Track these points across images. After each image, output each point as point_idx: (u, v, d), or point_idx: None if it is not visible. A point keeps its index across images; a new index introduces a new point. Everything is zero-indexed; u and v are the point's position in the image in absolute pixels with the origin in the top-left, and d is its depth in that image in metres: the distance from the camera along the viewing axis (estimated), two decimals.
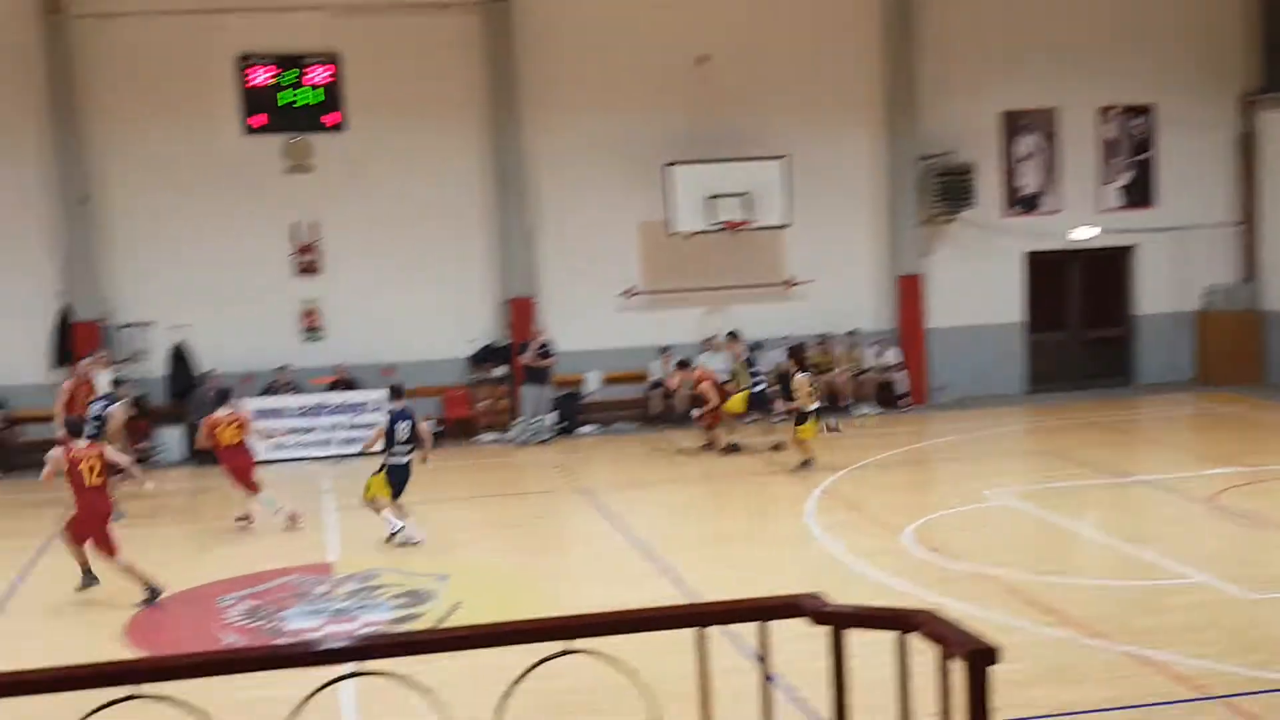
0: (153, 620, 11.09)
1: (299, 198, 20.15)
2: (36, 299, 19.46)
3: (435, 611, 10.96)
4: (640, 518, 14.32)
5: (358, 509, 15.47)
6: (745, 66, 21.11)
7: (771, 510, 14.51)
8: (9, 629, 11.00)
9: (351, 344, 20.24)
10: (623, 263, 21.21)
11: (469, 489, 16.93)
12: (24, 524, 15.30)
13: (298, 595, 11.67)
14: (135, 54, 19.47)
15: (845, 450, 18.17)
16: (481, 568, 12.57)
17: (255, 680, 3.63)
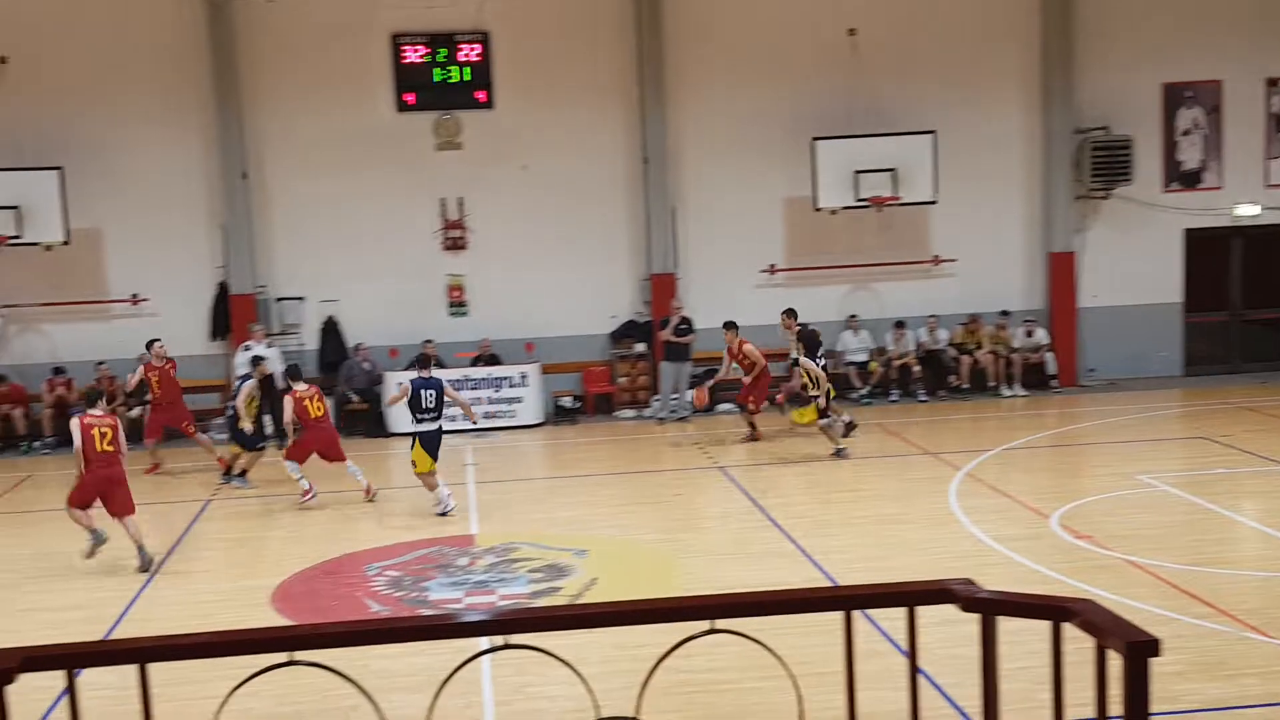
0: (300, 588, 11.39)
1: (447, 175, 20.47)
2: (199, 273, 20.15)
3: (572, 586, 11.05)
4: (779, 496, 14.25)
5: (498, 482, 15.73)
6: (894, 39, 20.75)
7: (914, 492, 14.29)
8: (160, 595, 11.37)
9: (495, 319, 20.52)
10: (765, 239, 21.07)
11: (608, 465, 17.03)
12: (183, 490, 15.84)
13: (440, 566, 11.88)
14: (293, 34, 19.96)
15: (991, 432, 17.85)
16: (619, 544, 12.64)
17: (396, 649, 3.69)
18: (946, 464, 15.40)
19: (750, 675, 7.59)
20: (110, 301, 20.07)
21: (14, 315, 19.88)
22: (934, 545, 11.98)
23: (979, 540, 12.03)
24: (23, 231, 18.72)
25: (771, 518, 13.18)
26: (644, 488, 15.50)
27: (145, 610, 10.75)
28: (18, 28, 19.33)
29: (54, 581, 11.91)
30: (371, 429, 19.53)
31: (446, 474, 16.18)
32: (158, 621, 10.28)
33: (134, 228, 19.89)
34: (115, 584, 11.56)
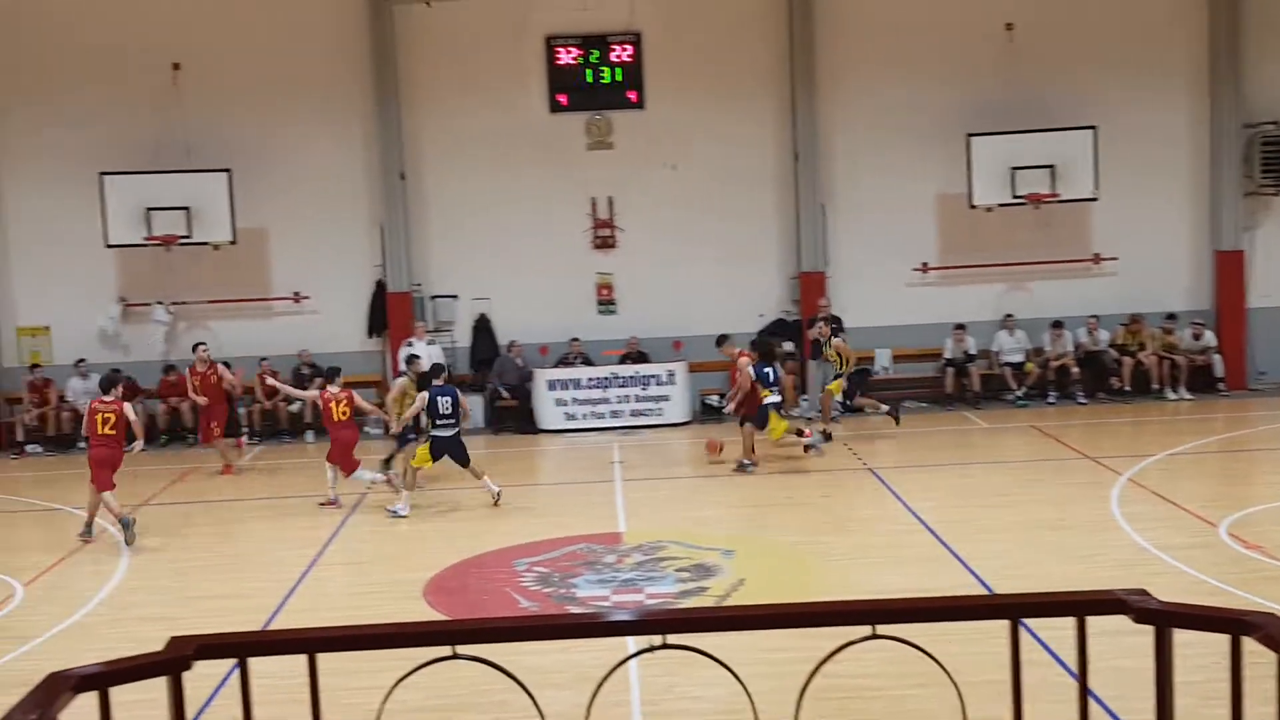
0: (451, 582, 11.59)
1: (598, 174, 20.64)
2: (358, 271, 20.69)
3: (720, 587, 11.02)
4: (931, 500, 13.99)
5: (645, 480, 15.78)
6: (1052, 33, 20.23)
7: (1073, 497, 13.89)
8: (317, 586, 11.67)
9: (643, 317, 20.61)
10: (918, 236, 20.75)
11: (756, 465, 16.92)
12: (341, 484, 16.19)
13: (587, 563, 11.96)
14: (451, 36, 20.34)
15: (1155, 436, 17.29)
16: (766, 545, 12.58)
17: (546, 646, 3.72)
18: (1107, 469, 14.95)
19: (902, 683, 7.49)
20: (273, 299, 20.74)
21: (182, 312, 20.67)
22: (1094, 553, 11.62)
23: (1143, 549, 11.64)
24: (193, 232, 19.44)
25: (923, 521, 12.96)
26: (791, 488, 15.38)
27: (303, 601, 11.06)
28: (189, 35, 20.08)
29: (219, 571, 12.38)
30: (522, 425, 19.80)
31: (594, 471, 16.34)
32: (314, 612, 10.58)
33: (297, 227, 20.53)
34: (275, 575, 11.91)
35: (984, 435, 18.43)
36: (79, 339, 20.41)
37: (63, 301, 20.54)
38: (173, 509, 15.24)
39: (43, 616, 10.82)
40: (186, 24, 20.09)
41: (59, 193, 20.19)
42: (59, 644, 9.99)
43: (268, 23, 20.25)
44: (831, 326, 17.89)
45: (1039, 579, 10.70)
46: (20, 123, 20.34)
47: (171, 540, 13.65)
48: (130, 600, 11.37)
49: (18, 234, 20.57)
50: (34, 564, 12.56)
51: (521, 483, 16.45)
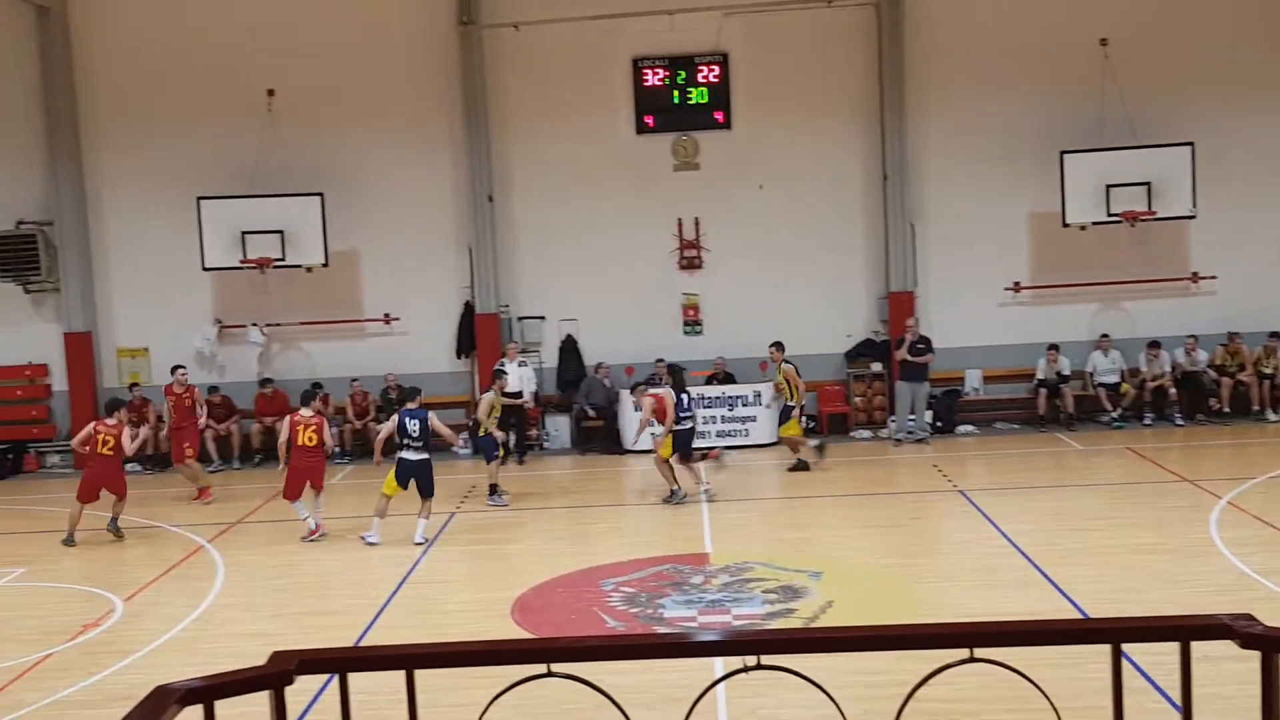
0: (538, 601, 11.63)
1: (684, 195, 20.68)
2: (447, 293, 20.93)
3: (807, 609, 10.94)
4: (1024, 522, 13.78)
5: (732, 501, 15.74)
6: (1148, 48, 19.91)
7: (1170, 520, 13.58)
8: (408, 603, 11.78)
9: (730, 338, 20.57)
10: (1009, 255, 20.50)
11: (843, 486, 16.82)
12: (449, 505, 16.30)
13: (674, 584, 11.94)
14: (539, 59, 20.55)
15: (1256, 459, 16.87)
16: (854, 567, 12.46)
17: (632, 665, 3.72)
18: (1206, 492, 14.60)
19: (996, 708, 7.36)
20: (364, 320, 21.05)
21: (276, 334, 21.07)
22: (1193, 577, 11.36)
23: (1243, 573, 11.35)
24: (286, 254, 19.81)
25: (1015, 544, 12.76)
26: (880, 510, 15.24)
27: (393, 618, 11.17)
28: (284, 61, 20.51)
29: (311, 588, 12.57)
30: (608, 445, 19.86)
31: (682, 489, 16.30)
32: (403, 629, 10.69)
33: (387, 249, 20.84)
34: (366, 592, 12.05)
35: (1078, 457, 18.12)
36: (177, 360, 20.84)
37: (161, 323, 21.04)
38: (266, 526, 15.49)
39: (142, 631, 11.07)
40: (281, 50, 20.53)
41: (158, 217, 20.73)
42: (159, 658, 10.21)
43: (359, 48, 20.61)
44: (783, 351, 17.87)
45: (1135, 604, 10.47)
46: (120, 148, 20.89)
47: (265, 557, 13.90)
48: (226, 616, 11.58)
49: (118, 257, 21.13)
50: (133, 580, 12.86)
51: (608, 503, 16.50)
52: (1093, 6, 20.01)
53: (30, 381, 20.88)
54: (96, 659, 10.20)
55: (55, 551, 14.54)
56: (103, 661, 10.11)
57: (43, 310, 21.21)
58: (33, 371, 21.09)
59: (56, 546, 14.61)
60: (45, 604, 12.27)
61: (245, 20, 20.52)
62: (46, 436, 21.16)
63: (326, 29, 20.58)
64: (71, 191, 20.68)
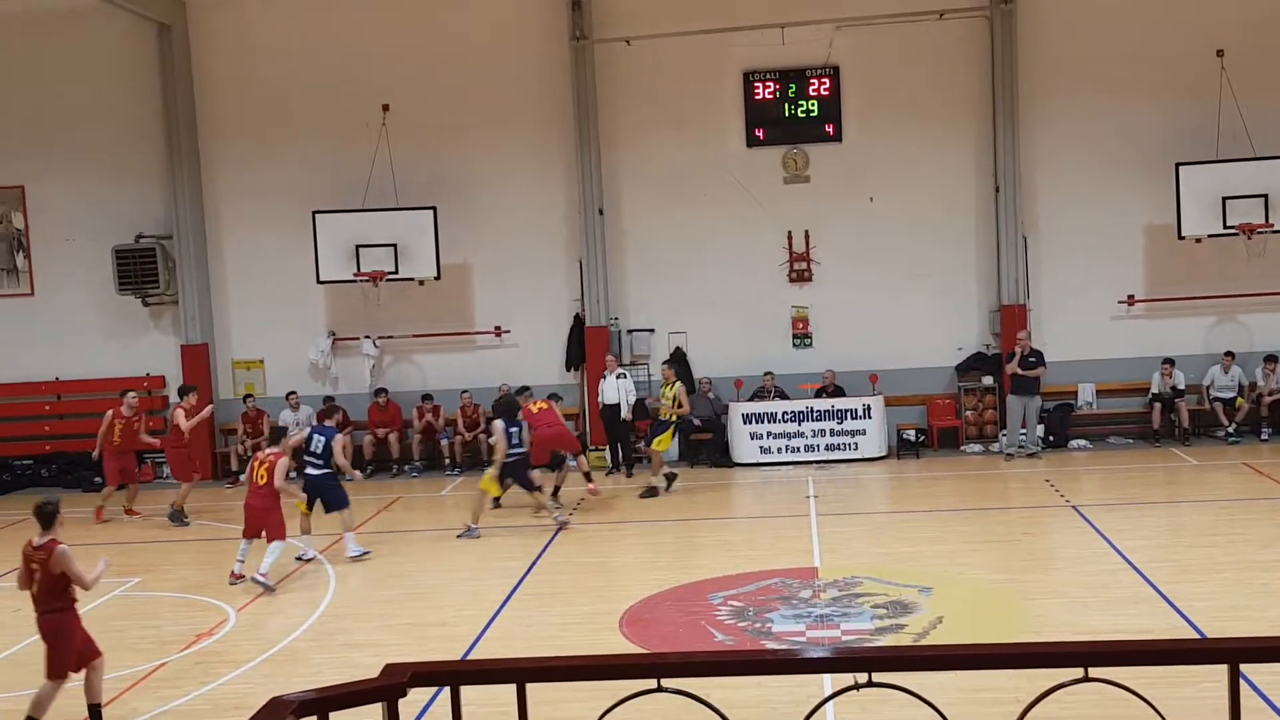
0: (646, 614, 11.71)
1: (794, 208, 20.68)
2: (554, 305, 21.17)
3: (917, 624, 10.89)
4: (1138, 538, 13.53)
5: (841, 515, 15.67)
6: (1265, 57, 19.44)
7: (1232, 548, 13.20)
8: (517, 615, 11.91)
9: (839, 350, 20.51)
10: (1123, 267, 20.14)
11: (953, 500, 16.67)
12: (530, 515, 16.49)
13: (782, 598, 11.95)
14: (650, 73, 20.70)
15: None
16: (965, 582, 12.35)
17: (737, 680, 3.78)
18: None
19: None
20: (475, 333, 21.38)
21: (388, 346, 21.49)
22: None
23: None
24: (399, 267, 20.20)
25: (1129, 560, 12.55)
26: (991, 525, 15.07)
27: (501, 630, 11.31)
28: (398, 76, 20.95)
29: (420, 599, 12.74)
30: (716, 458, 19.92)
31: (789, 505, 16.30)
32: (512, 641, 10.84)
33: (498, 262, 21.14)
34: (475, 604, 12.21)
35: (1193, 472, 17.73)
36: (291, 372, 21.43)
37: (276, 335, 21.58)
38: (376, 537, 15.78)
39: (254, 641, 11.26)
40: (395, 65, 20.96)
41: (273, 231, 21.27)
42: (270, 668, 10.40)
43: (471, 62, 20.95)
44: (675, 369, 17.97)
45: (1252, 623, 10.24)
46: (236, 163, 21.48)
47: (375, 568, 14.15)
48: (337, 626, 11.76)
49: (235, 270, 21.71)
50: (246, 589, 13.10)
51: (716, 516, 16.55)
52: (1209, 16, 19.59)
53: (149, 393, 21.51)
54: (209, 669, 10.40)
55: (169, 561, 14.96)
56: (215, 671, 10.30)
57: (161, 322, 21.86)
58: (150, 383, 21.72)
59: (171, 555, 15.00)
60: (159, 613, 12.53)
61: (361, 36, 20.99)
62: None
63: (441, 45, 20.95)
64: (190, 206, 21.27)
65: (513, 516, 16.30)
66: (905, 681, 3.33)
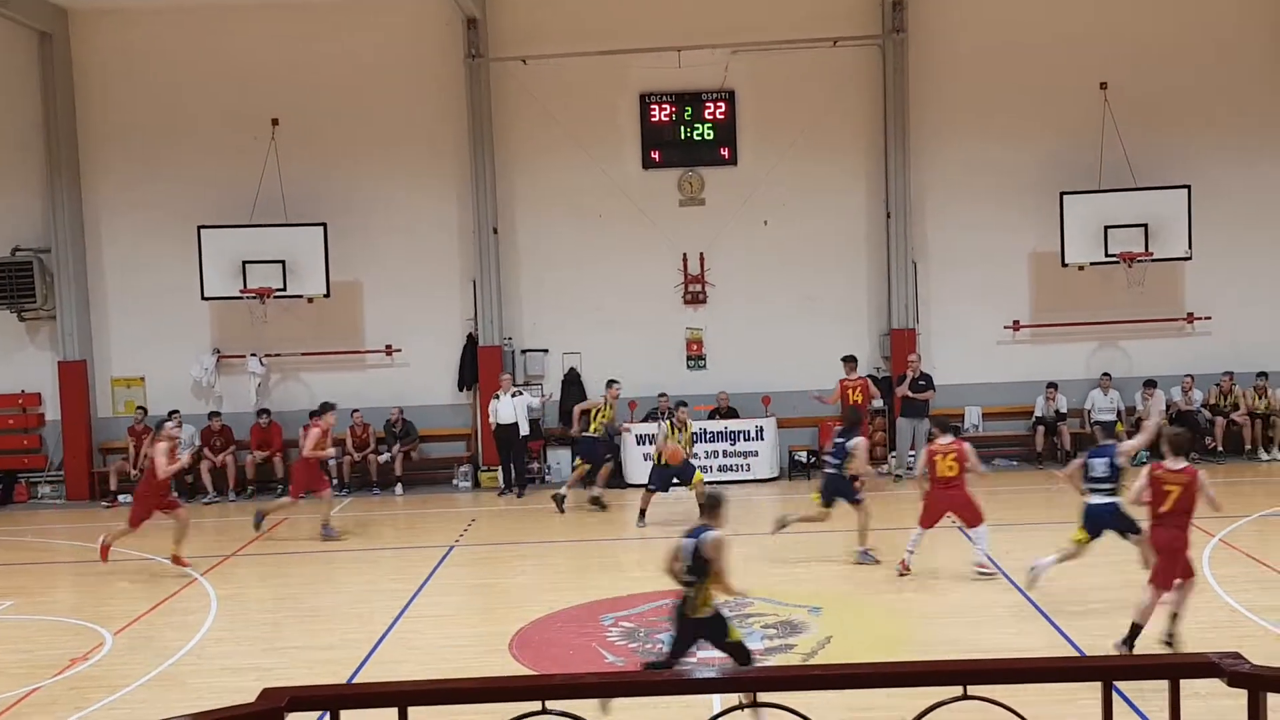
0: (537, 636, 11.61)
1: (689, 230, 20.79)
2: (446, 324, 20.97)
3: (806, 644, 10.94)
4: (1020, 559, 13.74)
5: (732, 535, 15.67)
6: (1147, 92, 20.10)
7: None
8: (405, 638, 11.73)
9: (733, 372, 20.64)
10: (1010, 294, 20.62)
11: (843, 521, 16.75)
12: (427, 535, 16.38)
13: None
14: (546, 93, 20.68)
15: (1248, 498, 16.86)
16: (854, 602, 12.46)
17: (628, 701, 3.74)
18: (1200, 530, 14.51)
19: None
20: (366, 352, 21.09)
21: (276, 364, 21.09)
22: (1186, 614, 11.36)
23: (1234, 610, 11.41)
24: (287, 285, 19.86)
25: (1012, 580, 12.77)
26: (880, 546, 15.21)
27: (390, 653, 11.13)
28: (288, 91, 20.65)
29: (306, 621, 12.50)
30: (610, 480, 19.82)
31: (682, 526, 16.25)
32: (401, 664, 10.63)
33: (390, 281, 20.91)
34: (363, 626, 12.01)
35: (1074, 495, 18.06)
36: (173, 390, 20.88)
37: (158, 352, 21.02)
38: (261, 559, 15.46)
39: (131, 665, 10.91)
40: (285, 79, 20.66)
41: (157, 246, 20.78)
42: (146, 693, 10.06)
43: (364, 78, 20.75)
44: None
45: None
46: (120, 176, 20.99)
47: (259, 590, 13.86)
48: (217, 650, 11.48)
49: (115, 285, 21.15)
50: (124, 612, 12.73)
51: (610, 537, 16.48)
52: (1094, 50, 20.18)
53: (23, 410, 20.87)
54: (84, 694, 10.03)
55: (43, 584, 14.48)
56: (90, 697, 9.95)
57: (36, 338, 21.22)
58: (25, 400, 21.05)
59: (46, 578, 14.52)
60: (33, 637, 12.13)
61: (250, 49, 20.66)
62: (38, 466, 21.05)
63: (333, 59, 20.72)
64: (69, 218, 20.69)
65: (409, 537, 16.07)
66: (790, 701, 3.32)
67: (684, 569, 8.70)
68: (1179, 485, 10.41)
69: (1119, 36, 20.26)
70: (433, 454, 20.83)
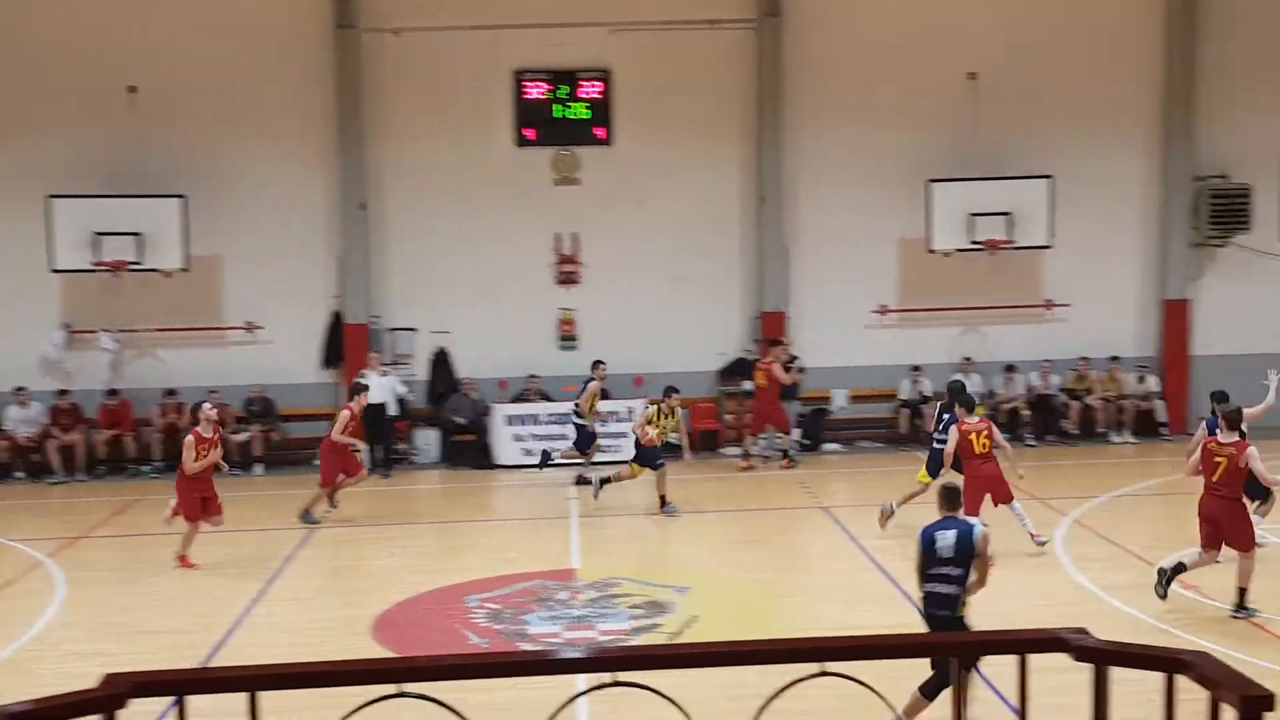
0: (400, 618, 11.47)
1: (563, 210, 20.64)
2: (311, 301, 20.52)
3: (673, 624, 10.99)
4: (883, 539, 14.01)
5: (601, 516, 15.71)
6: (1014, 84, 20.52)
7: (1020, 537, 13.95)
8: (262, 622, 11.48)
9: (605, 353, 20.46)
10: (879, 279, 20.92)
11: (712, 502, 16.94)
12: (288, 517, 15.98)
13: (540, 600, 11.89)
14: (418, 67, 20.28)
15: (1100, 479, 17.43)
16: (721, 582, 12.56)
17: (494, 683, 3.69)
18: (1053, 510, 15.06)
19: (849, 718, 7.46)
20: (226, 328, 20.53)
21: (131, 340, 20.36)
22: (1039, 592, 11.74)
23: (1085, 588, 11.80)
24: (144, 258, 19.18)
25: (875, 560, 13.00)
26: (747, 526, 15.39)
27: (247, 637, 10.89)
28: (147, 58, 19.88)
29: (159, 605, 12.11)
30: (478, 460, 19.70)
31: (550, 507, 16.24)
32: (259, 648, 10.39)
33: (252, 256, 20.30)
34: (218, 610, 11.70)
35: None
36: (19, 366, 19.98)
37: (2, 327, 20.04)
38: (113, 541, 14.98)
39: None
40: (144, 46, 19.89)
41: (2, 215, 19.85)
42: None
43: (229, 46, 20.10)
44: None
45: (985, 617, 10.63)
46: None
47: (112, 574, 13.42)
48: (65, 635, 11.09)
49: None
50: None
51: (476, 518, 16.36)
52: (963, 40, 20.53)
53: None
54: None
55: None
56: None
57: None
58: None
59: None
60: None
61: (105, 11, 19.78)
62: None
63: (195, 26, 19.99)
64: None
65: (268, 518, 15.72)
66: (653, 680, 3.29)
67: (945, 565, 8.13)
68: (1227, 457, 10.91)
69: (989, 28, 20.60)
70: (295, 434, 20.36)
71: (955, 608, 8.14)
